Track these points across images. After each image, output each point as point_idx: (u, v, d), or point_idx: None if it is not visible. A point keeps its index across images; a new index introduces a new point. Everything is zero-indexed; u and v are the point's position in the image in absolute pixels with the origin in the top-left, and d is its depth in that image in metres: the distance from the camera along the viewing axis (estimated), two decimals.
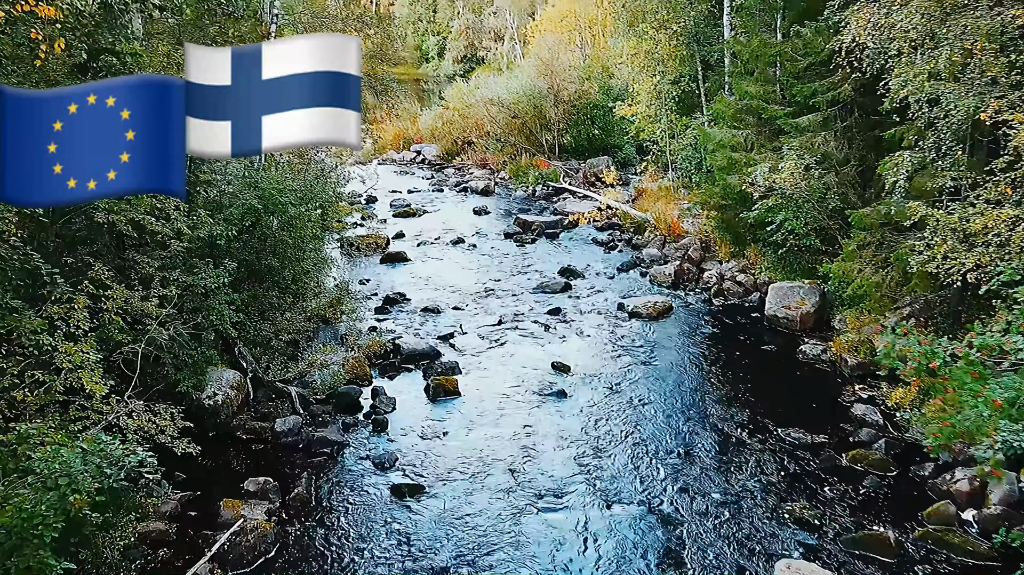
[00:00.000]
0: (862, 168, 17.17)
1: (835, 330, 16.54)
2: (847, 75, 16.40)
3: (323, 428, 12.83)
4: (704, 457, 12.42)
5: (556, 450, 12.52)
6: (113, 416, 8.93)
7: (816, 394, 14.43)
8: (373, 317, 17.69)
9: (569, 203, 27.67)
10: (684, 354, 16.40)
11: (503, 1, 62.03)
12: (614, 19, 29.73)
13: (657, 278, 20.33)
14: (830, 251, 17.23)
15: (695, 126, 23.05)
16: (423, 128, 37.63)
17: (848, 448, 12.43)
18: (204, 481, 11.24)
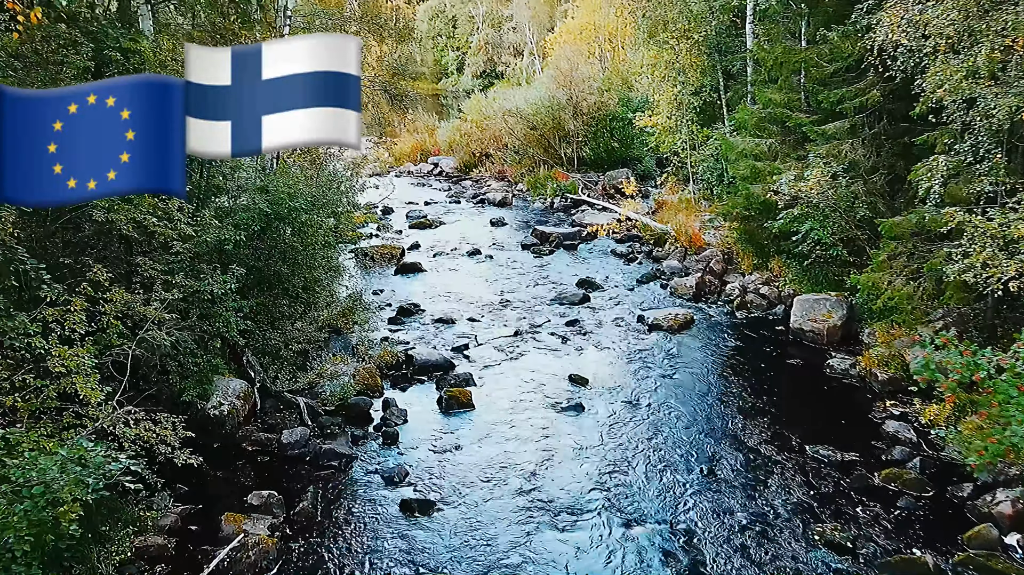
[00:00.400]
0: (891, 177, 16.60)
1: (864, 344, 15.92)
2: (875, 80, 15.91)
3: (331, 440, 12.39)
4: (728, 475, 11.84)
5: (573, 465, 11.99)
6: (108, 423, 8.51)
7: (845, 410, 13.82)
8: (386, 327, 17.28)
9: (588, 215, 27.23)
10: (706, 367, 15.84)
11: (523, 16, 62.04)
12: (634, 30, 29.39)
13: (678, 290, 19.80)
14: (857, 262, 16.65)
15: (717, 135, 22.56)
16: (441, 140, 37.42)
17: (881, 467, 11.81)
18: (206, 494, 10.83)
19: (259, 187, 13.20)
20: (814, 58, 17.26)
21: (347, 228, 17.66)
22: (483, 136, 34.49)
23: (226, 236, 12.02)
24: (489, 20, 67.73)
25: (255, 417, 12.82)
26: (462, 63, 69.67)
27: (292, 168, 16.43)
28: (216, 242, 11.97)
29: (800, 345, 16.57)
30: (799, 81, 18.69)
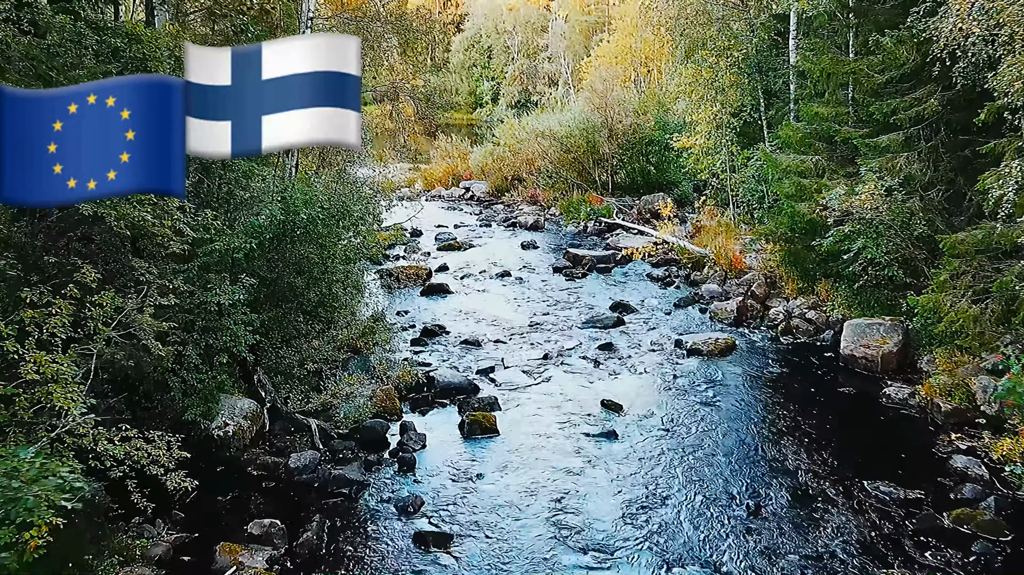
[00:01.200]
0: (949, 193, 15.44)
1: (922, 372, 14.68)
2: (933, 89, 14.87)
3: (343, 466, 11.47)
4: (778, 512, 10.66)
5: (605, 498, 10.91)
6: (90, 440, 7.68)
7: (905, 443, 12.59)
8: (409, 349, 16.40)
9: (623, 239, 26.27)
10: (750, 395, 14.67)
11: (558, 46, 61.81)
12: (671, 50, 28.61)
13: (718, 314, 18.69)
14: (913, 284, 15.45)
15: (760, 154, 21.53)
16: (473, 165, 36.82)
17: (950, 506, 10.56)
18: (204, 521, 9.93)
19: (277, 191, 12.49)
20: (864, 69, 16.24)
21: (370, 244, 16.87)
22: (515, 160, 33.79)
23: (236, 244, 11.29)
24: (524, 50, 67.67)
25: (263, 439, 11.97)
26: (497, 93, 69.54)
27: (312, 178, 15.76)
28: (225, 250, 11.25)
29: (852, 373, 15.35)
30: (847, 95, 17.69)
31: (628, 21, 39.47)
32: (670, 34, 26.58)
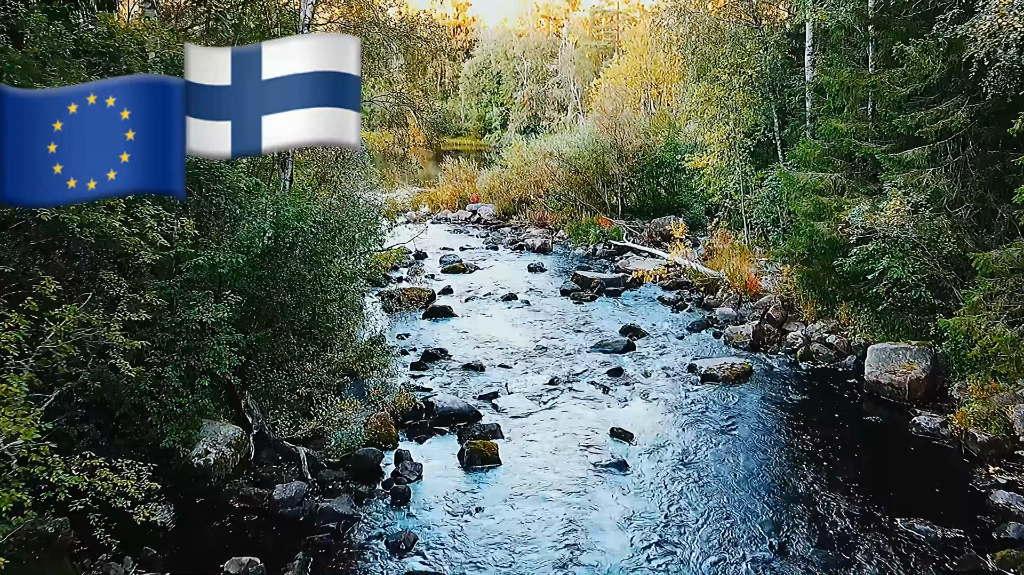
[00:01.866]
0: (979, 210, 14.62)
1: (954, 399, 13.77)
2: (960, 101, 14.12)
3: (331, 498, 10.63)
4: (803, 551, 9.75)
5: (615, 534, 10.03)
6: (42, 468, 6.89)
7: (939, 476, 11.68)
8: (408, 373, 15.61)
9: (632, 261, 25.50)
10: (770, 423, 13.78)
11: (567, 72, 61.59)
12: (682, 69, 28.02)
13: (733, 339, 17.84)
14: (941, 306, 14.59)
15: (777, 172, 20.77)
16: (480, 188, 36.24)
17: (994, 547, 9.64)
18: (177, 558, 9.11)
19: (270, 202, 11.79)
20: (886, 81, 15.51)
21: (370, 263, 16.14)
22: (523, 182, 33.18)
23: (221, 259, 10.56)
24: (534, 76, 67.48)
25: (247, 468, 11.15)
26: (506, 119, 69.27)
27: (309, 191, 15.06)
28: (210, 265, 10.52)
29: (877, 400, 14.46)
30: (867, 110, 16.97)
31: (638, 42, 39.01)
32: (681, 52, 25.99)
